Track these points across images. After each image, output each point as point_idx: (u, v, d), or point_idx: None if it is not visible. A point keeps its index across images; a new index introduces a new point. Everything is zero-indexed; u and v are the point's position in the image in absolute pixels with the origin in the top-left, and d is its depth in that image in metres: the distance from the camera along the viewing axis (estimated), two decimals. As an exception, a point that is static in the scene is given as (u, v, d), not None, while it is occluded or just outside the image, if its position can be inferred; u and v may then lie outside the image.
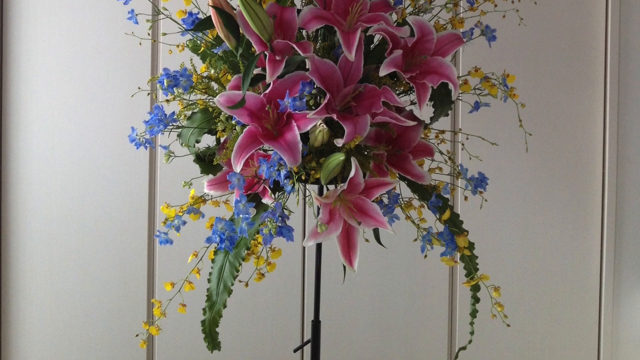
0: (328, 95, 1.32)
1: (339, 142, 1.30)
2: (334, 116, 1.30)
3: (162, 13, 1.55)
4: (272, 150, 1.29)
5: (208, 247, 1.45)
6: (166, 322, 1.54)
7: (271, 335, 2.52)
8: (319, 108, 1.29)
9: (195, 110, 1.47)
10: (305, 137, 1.32)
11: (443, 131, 1.69)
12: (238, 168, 1.29)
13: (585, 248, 2.56)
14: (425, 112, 1.40)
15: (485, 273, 1.46)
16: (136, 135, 1.47)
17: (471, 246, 1.47)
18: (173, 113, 1.44)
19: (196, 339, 2.04)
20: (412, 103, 1.48)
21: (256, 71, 1.35)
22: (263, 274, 1.54)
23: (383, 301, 2.54)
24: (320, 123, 1.30)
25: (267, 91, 1.32)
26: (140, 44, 2.29)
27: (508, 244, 2.54)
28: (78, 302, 2.49)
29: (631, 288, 2.57)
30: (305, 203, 1.94)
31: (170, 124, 1.43)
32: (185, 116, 1.48)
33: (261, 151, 1.44)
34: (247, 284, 1.55)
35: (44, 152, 2.45)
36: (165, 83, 1.38)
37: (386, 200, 1.44)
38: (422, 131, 1.50)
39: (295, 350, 1.93)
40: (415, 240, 1.47)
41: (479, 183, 1.55)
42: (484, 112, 1.81)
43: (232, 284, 1.44)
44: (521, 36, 2.49)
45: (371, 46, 1.55)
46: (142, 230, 2.47)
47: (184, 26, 1.50)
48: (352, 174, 1.30)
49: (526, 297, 2.57)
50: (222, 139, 1.50)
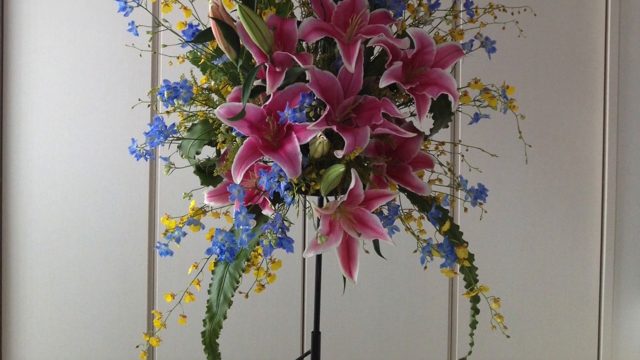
0: (328, 106, 1.32)
1: (339, 154, 1.30)
2: (334, 128, 1.30)
3: (163, 25, 1.55)
4: (272, 161, 1.29)
5: (208, 259, 1.45)
6: (166, 333, 1.54)
7: (271, 346, 2.52)
8: (319, 120, 1.29)
9: (195, 121, 1.47)
10: (305, 149, 1.32)
11: (443, 143, 1.69)
12: (238, 179, 1.29)
13: (584, 259, 2.56)
14: (425, 124, 1.40)
15: (485, 284, 1.46)
16: (136, 146, 1.47)
17: (471, 257, 1.47)
18: (173, 124, 1.44)
19: (196, 350, 2.04)
20: (412, 115, 1.48)
21: (256, 83, 1.35)
22: (263, 285, 1.54)
23: (383, 312, 2.53)
24: (320, 135, 1.30)
25: (267, 103, 1.33)
26: (140, 56, 2.31)
27: (508, 255, 2.54)
28: (78, 313, 2.49)
29: (631, 299, 2.57)
30: (305, 214, 1.94)
31: (170, 136, 1.43)
32: (185, 128, 1.47)
33: (261, 163, 1.44)
34: (247, 295, 1.55)
35: (45, 163, 2.46)
36: (165, 95, 1.38)
37: (386, 211, 1.43)
38: (422, 143, 1.50)
39: (295, 361, 1.94)
40: (415, 251, 1.47)
41: (479, 194, 1.55)
42: (484, 124, 1.81)
43: (233, 295, 1.44)
44: (521, 48, 2.49)
45: (371, 58, 1.55)
46: (143, 241, 2.48)
47: (184, 38, 1.50)
48: (352, 186, 1.30)
49: (526, 308, 2.57)
50: (223, 151, 1.50)
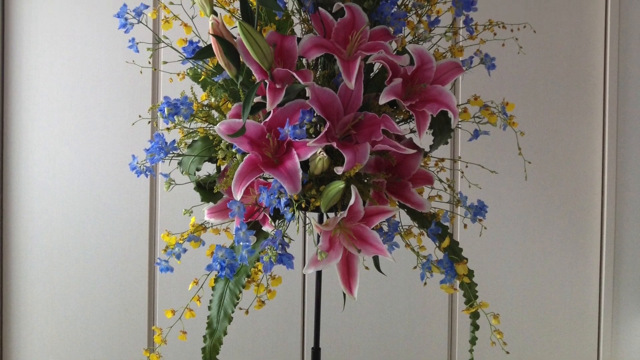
0: (328, 123, 1.32)
1: (339, 170, 1.30)
2: (334, 144, 1.30)
3: (163, 41, 1.56)
4: (273, 178, 1.29)
5: (208, 275, 1.45)
6: (167, 350, 1.53)
7: (271, 363, 2.51)
8: (319, 136, 1.29)
9: (195, 138, 1.48)
10: (305, 165, 1.32)
11: (442, 159, 1.69)
12: (238, 196, 1.29)
13: (584, 275, 2.56)
14: (424, 140, 1.40)
15: (484, 300, 1.46)
16: (137, 163, 1.47)
17: (470, 274, 1.47)
18: (174, 141, 1.44)
19: (196, 367, 2.04)
20: (412, 131, 1.49)
21: (256, 99, 1.36)
22: (263, 302, 1.54)
23: (383, 328, 2.53)
24: (320, 151, 1.30)
25: (268, 119, 1.33)
26: (141, 73, 2.31)
27: (507, 272, 2.54)
28: (79, 329, 2.49)
29: (630, 316, 2.56)
30: (305, 231, 1.94)
31: (170, 152, 1.43)
32: (185, 144, 1.48)
33: (261, 179, 1.44)
34: (248, 312, 1.55)
35: (46, 180, 2.46)
36: (165, 111, 1.38)
37: (386, 227, 1.43)
38: (422, 159, 1.50)
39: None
40: (414, 267, 1.47)
41: (479, 211, 1.55)
42: (484, 140, 1.81)
43: (233, 312, 1.44)
44: (520, 65, 2.50)
45: (371, 74, 1.56)
46: (143, 257, 2.47)
47: (185, 54, 1.50)
48: (352, 202, 1.30)
49: (525, 325, 2.56)
50: (223, 167, 1.50)
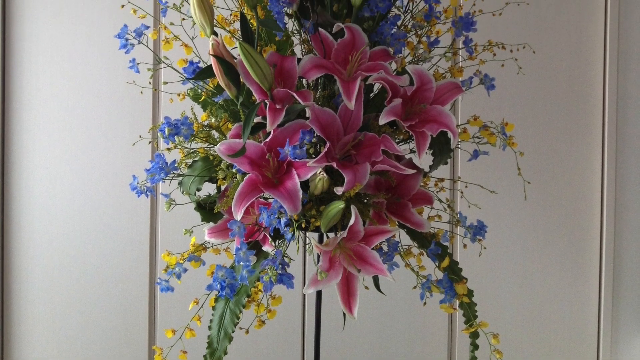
0: (328, 143, 1.33)
1: (339, 190, 1.30)
2: (334, 164, 1.30)
3: (163, 62, 1.56)
4: (273, 198, 1.29)
5: (209, 295, 1.45)
6: (166, 370, 1.53)
7: (271, 383, 2.51)
8: (319, 156, 1.30)
9: (196, 158, 1.48)
10: (305, 185, 1.32)
11: (442, 179, 1.69)
12: (239, 216, 1.29)
13: (583, 295, 2.56)
14: (424, 161, 1.40)
15: (484, 320, 1.46)
16: (137, 183, 1.47)
17: (470, 293, 1.47)
18: (174, 161, 1.44)
19: (196, 387, 2.04)
20: (412, 151, 1.49)
21: (256, 120, 1.36)
22: (263, 321, 1.54)
23: (383, 348, 2.53)
24: (320, 171, 1.30)
25: (268, 140, 1.33)
26: (141, 93, 2.32)
27: (507, 291, 2.54)
28: (80, 350, 2.48)
29: (629, 335, 2.56)
30: (305, 251, 1.94)
31: (171, 172, 1.43)
32: (186, 164, 1.48)
33: (261, 199, 1.44)
34: (248, 331, 1.55)
35: (46, 200, 2.46)
36: (166, 131, 1.39)
37: (386, 247, 1.44)
38: (422, 179, 1.50)
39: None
40: (414, 287, 1.47)
41: (478, 231, 1.55)
42: (483, 161, 1.82)
43: (233, 331, 1.44)
44: (520, 85, 2.50)
45: (371, 95, 1.56)
46: (144, 277, 2.47)
47: (185, 75, 1.50)
48: (352, 222, 1.30)
49: (525, 344, 2.56)
50: (223, 187, 1.50)
